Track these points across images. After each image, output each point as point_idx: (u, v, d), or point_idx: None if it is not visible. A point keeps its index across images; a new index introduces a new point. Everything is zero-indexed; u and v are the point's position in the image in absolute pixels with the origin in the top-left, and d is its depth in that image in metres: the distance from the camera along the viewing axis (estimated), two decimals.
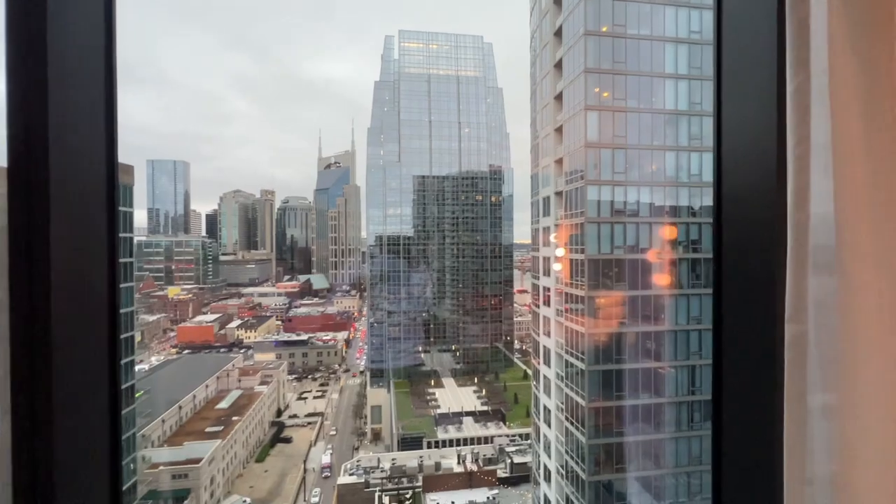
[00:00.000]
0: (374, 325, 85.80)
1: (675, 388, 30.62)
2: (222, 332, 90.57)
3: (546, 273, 37.14)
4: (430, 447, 56.75)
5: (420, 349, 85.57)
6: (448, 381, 78.41)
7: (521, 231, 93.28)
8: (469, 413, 64.32)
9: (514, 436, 58.01)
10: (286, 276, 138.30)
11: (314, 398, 77.09)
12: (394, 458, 52.26)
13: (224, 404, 59.91)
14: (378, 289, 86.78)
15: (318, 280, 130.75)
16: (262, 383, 68.41)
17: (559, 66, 34.98)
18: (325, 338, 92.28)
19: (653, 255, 31.27)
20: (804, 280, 1.03)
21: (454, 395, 71.42)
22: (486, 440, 57.65)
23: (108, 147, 1.29)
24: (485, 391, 73.47)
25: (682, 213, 31.66)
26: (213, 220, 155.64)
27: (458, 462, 51.58)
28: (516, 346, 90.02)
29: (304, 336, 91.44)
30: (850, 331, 0.99)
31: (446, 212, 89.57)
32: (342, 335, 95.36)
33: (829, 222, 1.00)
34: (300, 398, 76.83)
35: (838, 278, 0.99)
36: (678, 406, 30.53)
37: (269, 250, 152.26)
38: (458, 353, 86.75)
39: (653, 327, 31.19)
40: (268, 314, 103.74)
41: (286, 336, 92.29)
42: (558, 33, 35.07)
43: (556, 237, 35.17)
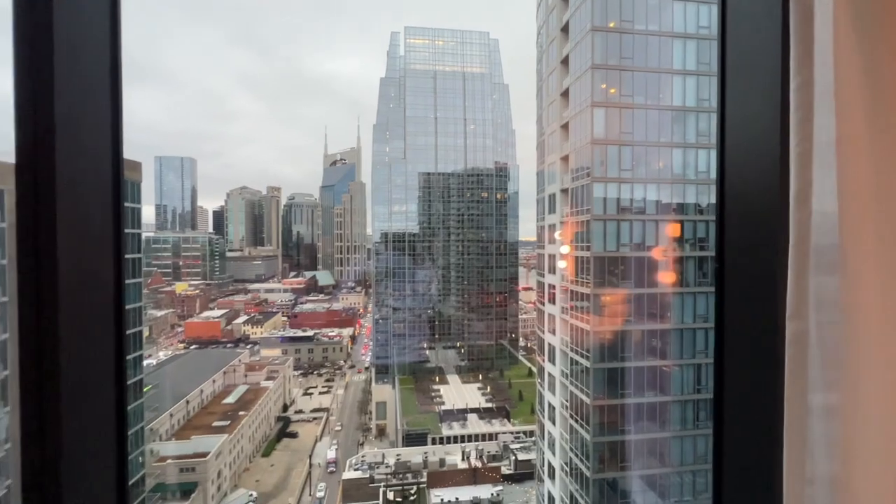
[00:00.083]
0: (380, 321, 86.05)
1: (681, 387, 30.48)
2: (229, 327, 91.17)
3: (551, 270, 37.04)
4: (434, 443, 56.92)
5: (425, 346, 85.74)
6: (453, 378, 78.50)
7: (526, 228, 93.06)
8: (473, 410, 64.38)
9: (518, 433, 58.03)
10: (292, 273, 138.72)
11: (320, 394, 77.45)
12: (398, 454, 52.57)
13: (231, 399, 60.37)
14: (383, 285, 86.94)
15: (323, 276, 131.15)
16: (268, 379, 68.84)
17: (566, 62, 34.71)
18: (330, 334, 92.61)
19: (659, 253, 31.06)
20: (805, 278, 1.01)
21: (459, 392, 71.51)
22: (491, 437, 57.77)
23: (114, 144, 1.30)
24: (489, 388, 73.50)
25: (688, 210, 31.40)
26: (219, 217, 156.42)
27: (463, 458, 51.72)
28: (521, 343, 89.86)
29: (310, 332, 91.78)
30: (852, 329, 0.98)
31: (451, 209, 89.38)
32: (347, 331, 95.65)
33: (831, 220, 0.99)
34: (306, 394, 77.22)
35: (840, 276, 0.98)
36: (683, 405, 30.39)
37: (275, 247, 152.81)
38: (462, 350, 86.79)
39: (658, 325, 31.03)
40: (274, 310, 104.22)
41: (292, 332, 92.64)
42: (565, 29, 34.79)
43: (561, 234, 35.04)
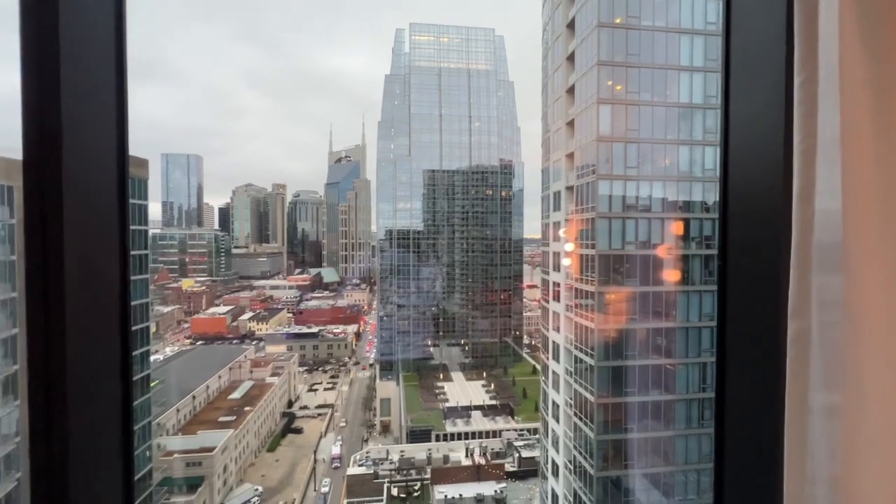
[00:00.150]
0: (384, 318, 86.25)
1: (686, 386, 30.34)
2: (235, 323, 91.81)
3: (556, 268, 36.93)
4: (438, 440, 57.09)
5: (429, 343, 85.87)
6: (457, 375, 78.60)
7: (531, 226, 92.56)
8: (477, 407, 64.47)
9: (522, 430, 58.06)
10: (297, 270, 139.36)
11: (324, 390, 77.86)
12: (402, 451, 52.77)
13: (236, 395, 60.85)
14: (388, 282, 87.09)
15: (328, 273, 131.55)
16: (273, 375, 69.30)
17: (571, 58, 34.47)
18: (335, 330, 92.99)
19: (664, 251, 30.87)
20: (808, 276, 1.00)
21: (463, 389, 71.61)
22: (495, 434, 57.84)
23: (120, 142, 1.31)
24: (493, 385, 73.54)
25: (695, 208, 31.15)
26: (225, 214, 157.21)
27: (467, 455, 51.84)
28: (525, 340, 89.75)
29: (315, 329, 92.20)
30: (854, 328, 0.97)
31: (456, 206, 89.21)
32: (352, 328, 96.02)
33: (834, 218, 0.98)
34: (311, 390, 77.67)
35: (843, 275, 0.97)
36: (688, 403, 30.26)
37: (281, 244, 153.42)
38: (466, 348, 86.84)
39: (663, 324, 30.88)
40: (279, 307, 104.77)
41: (297, 328, 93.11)
42: (571, 25, 34.53)
43: (566, 232, 34.91)
